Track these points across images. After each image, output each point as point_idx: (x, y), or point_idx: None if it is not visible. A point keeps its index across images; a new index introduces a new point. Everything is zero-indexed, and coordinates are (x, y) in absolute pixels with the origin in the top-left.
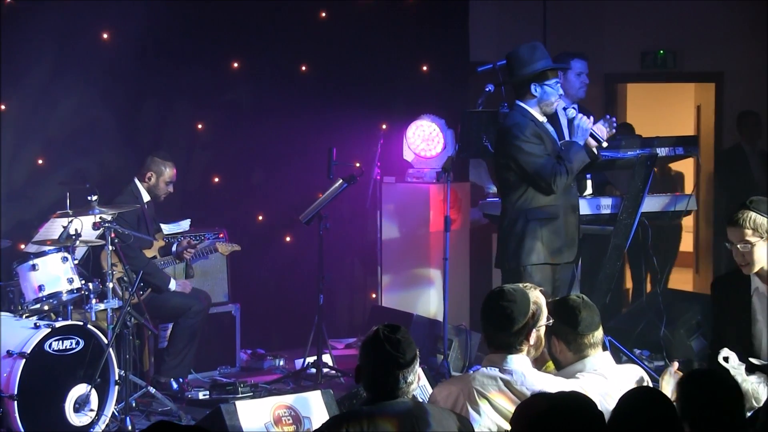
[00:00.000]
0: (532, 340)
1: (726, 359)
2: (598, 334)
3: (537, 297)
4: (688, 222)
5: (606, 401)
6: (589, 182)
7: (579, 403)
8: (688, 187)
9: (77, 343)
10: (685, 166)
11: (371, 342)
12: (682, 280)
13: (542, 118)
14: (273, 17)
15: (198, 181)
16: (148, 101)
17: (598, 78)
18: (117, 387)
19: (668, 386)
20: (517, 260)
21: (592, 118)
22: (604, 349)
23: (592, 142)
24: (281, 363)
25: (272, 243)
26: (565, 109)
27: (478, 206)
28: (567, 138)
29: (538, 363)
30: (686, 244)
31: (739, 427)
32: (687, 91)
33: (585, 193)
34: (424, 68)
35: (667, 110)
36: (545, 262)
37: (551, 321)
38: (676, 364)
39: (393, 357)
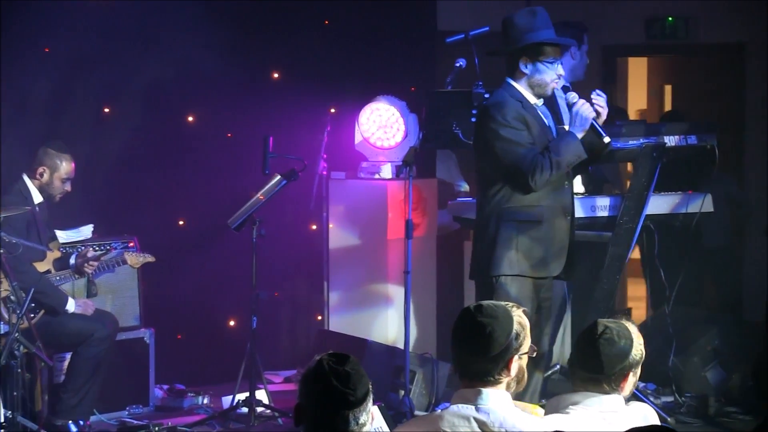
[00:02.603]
0: (513, 371)
1: None
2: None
3: (521, 317)
4: None
5: None
6: (579, 178)
7: None
8: None
9: None
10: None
11: (313, 375)
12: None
13: (534, 100)
14: None
15: (102, 177)
16: (41, 78)
17: (594, 51)
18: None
19: None
20: (487, 269)
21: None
22: None
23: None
24: (205, 401)
25: (194, 253)
26: (564, 90)
27: (447, 208)
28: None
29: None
30: None
31: None
32: (638, 66)
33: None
34: (381, 39)
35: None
36: (520, 273)
37: (536, 352)
38: None
39: (341, 393)
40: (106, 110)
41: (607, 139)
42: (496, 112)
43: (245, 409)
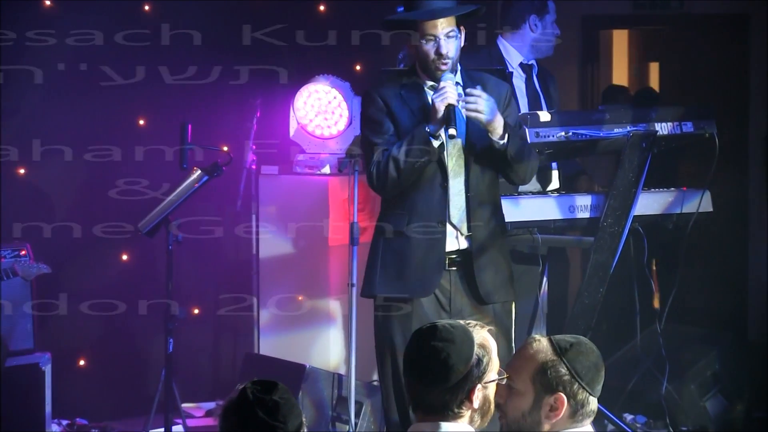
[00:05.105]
0: (476, 402)
1: None
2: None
3: (484, 339)
4: None
5: None
6: (554, 173)
7: None
8: None
9: None
10: None
11: (236, 406)
12: None
13: (432, 83)
14: None
15: None
16: None
17: (572, 23)
18: None
19: None
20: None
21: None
22: None
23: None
24: None
25: (99, 263)
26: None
27: None
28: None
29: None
30: None
31: None
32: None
33: (550, 188)
34: (321, 8)
35: None
36: (385, 294)
37: (505, 377)
38: None
39: (268, 427)
40: None
41: (452, 131)
42: (361, 105)
43: None
